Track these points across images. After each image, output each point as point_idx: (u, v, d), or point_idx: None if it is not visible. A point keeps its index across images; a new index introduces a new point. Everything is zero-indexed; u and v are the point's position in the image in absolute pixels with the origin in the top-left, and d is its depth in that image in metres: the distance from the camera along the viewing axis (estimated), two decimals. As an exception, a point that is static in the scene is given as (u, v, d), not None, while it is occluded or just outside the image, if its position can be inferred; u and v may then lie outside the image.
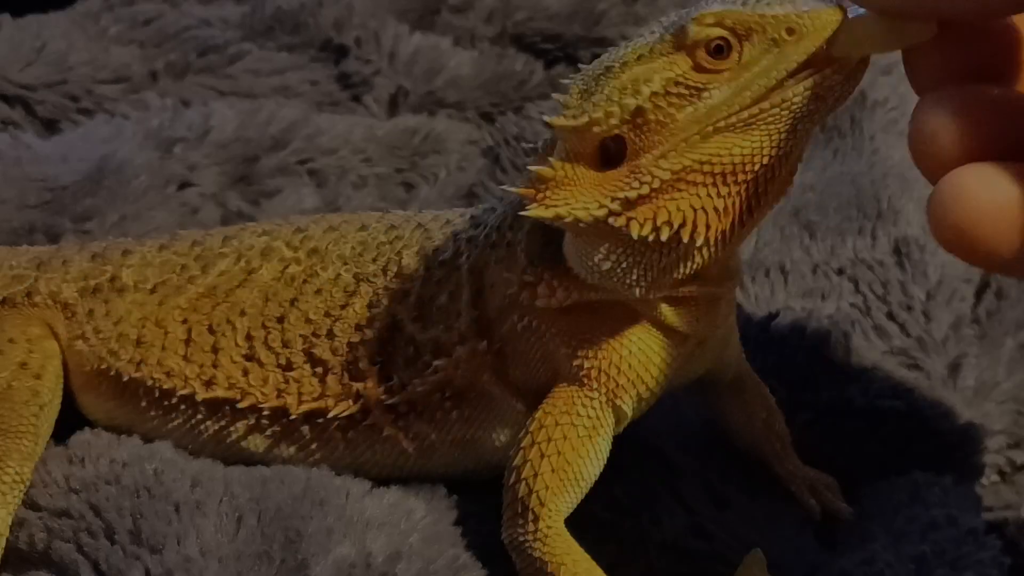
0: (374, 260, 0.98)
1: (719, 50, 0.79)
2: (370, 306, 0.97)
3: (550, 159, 0.83)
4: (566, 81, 0.85)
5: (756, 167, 0.80)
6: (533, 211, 0.83)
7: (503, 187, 0.93)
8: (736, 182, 0.80)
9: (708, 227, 0.81)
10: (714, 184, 0.80)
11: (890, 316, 1.13)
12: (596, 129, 0.81)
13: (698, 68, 0.79)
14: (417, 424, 0.95)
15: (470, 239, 0.94)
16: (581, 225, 0.82)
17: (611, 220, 0.81)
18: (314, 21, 1.51)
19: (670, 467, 0.99)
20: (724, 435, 1.03)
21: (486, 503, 0.95)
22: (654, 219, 0.81)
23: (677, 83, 0.79)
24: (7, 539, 0.98)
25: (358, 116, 1.48)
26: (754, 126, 0.79)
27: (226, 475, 0.98)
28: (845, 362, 1.10)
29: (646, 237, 0.81)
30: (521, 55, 1.54)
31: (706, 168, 0.80)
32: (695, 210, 0.81)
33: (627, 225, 0.81)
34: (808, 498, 1.01)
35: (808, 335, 1.12)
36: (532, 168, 0.84)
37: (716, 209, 0.81)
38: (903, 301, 1.14)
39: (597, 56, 1.45)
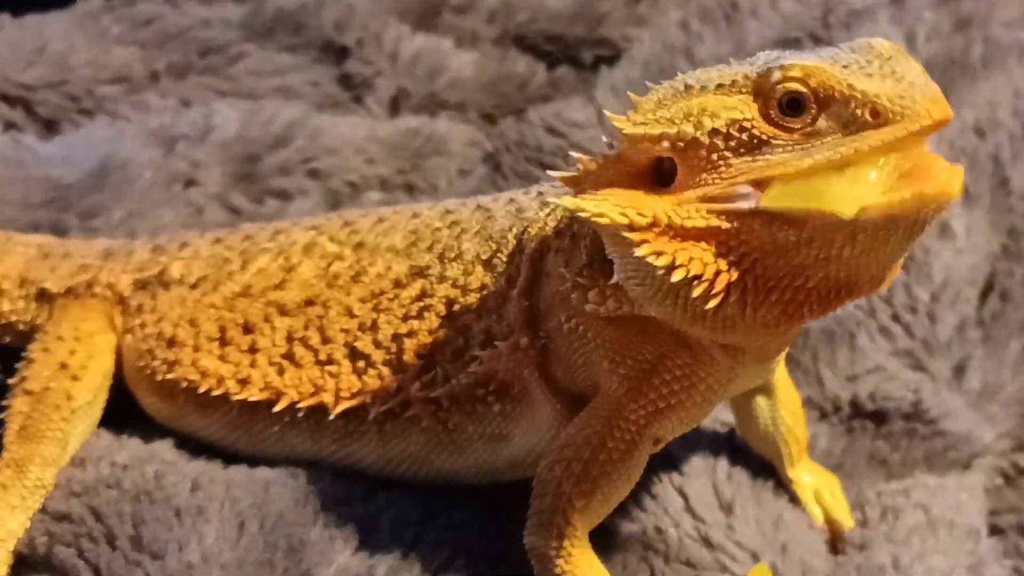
0: (429, 248, 0.95)
1: (794, 105, 0.74)
2: (422, 296, 0.94)
3: (595, 152, 0.80)
4: (651, 85, 0.80)
5: (801, 258, 0.75)
6: (563, 199, 0.79)
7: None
8: (775, 267, 0.75)
9: (727, 296, 0.76)
10: (749, 257, 0.75)
11: (895, 318, 1.12)
12: (646, 145, 0.77)
13: (768, 119, 0.74)
14: (457, 416, 0.93)
15: (536, 220, 0.90)
16: (601, 223, 0.77)
17: (626, 233, 0.77)
18: (315, 22, 1.51)
19: (677, 468, 0.98)
20: (731, 434, 1.02)
21: (487, 510, 0.95)
22: (672, 254, 0.76)
23: (742, 128, 0.75)
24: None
25: (359, 117, 1.47)
26: (809, 221, 0.73)
27: (227, 477, 0.98)
28: (850, 362, 1.10)
29: (656, 271, 0.76)
30: (523, 56, 1.54)
31: (743, 237, 0.75)
32: (718, 272, 0.76)
33: (638, 244, 0.76)
34: (813, 505, 1.00)
35: (813, 335, 1.11)
36: (575, 155, 0.81)
37: (742, 283, 0.76)
38: (907, 303, 1.13)
39: (599, 58, 1.46)
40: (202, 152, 1.36)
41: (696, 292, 0.76)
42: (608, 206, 0.77)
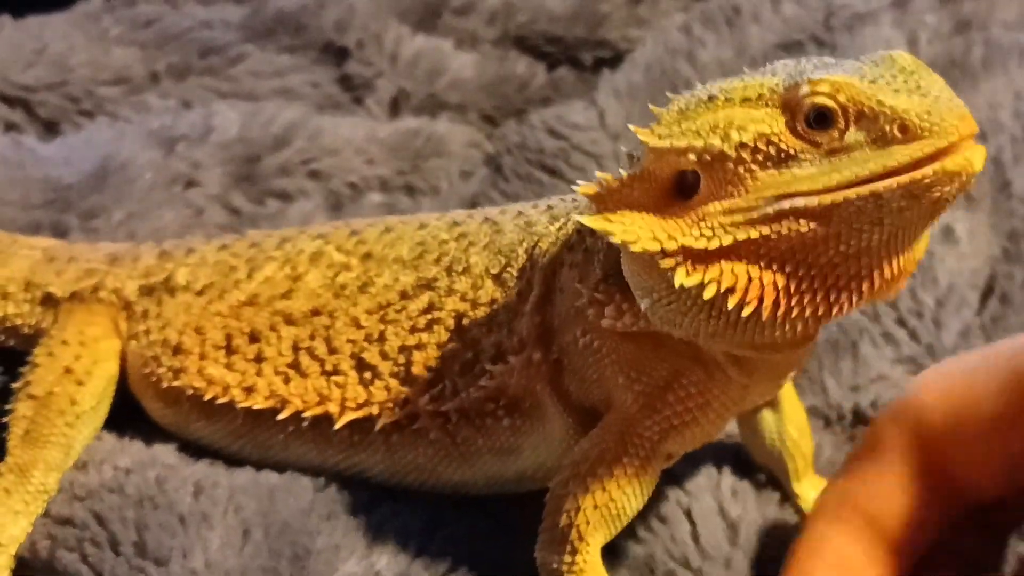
0: (436, 261, 0.95)
1: (821, 120, 0.74)
2: (430, 308, 0.94)
3: (620, 170, 0.80)
4: (671, 95, 0.80)
5: (830, 255, 0.75)
6: (588, 218, 0.79)
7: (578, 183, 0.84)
8: (804, 266, 0.75)
9: (760, 302, 0.76)
10: (778, 260, 0.75)
11: (900, 323, 1.12)
12: (673, 157, 0.77)
13: (795, 133, 0.74)
14: (466, 429, 0.93)
15: (547, 235, 0.90)
16: (633, 250, 0.77)
17: (658, 259, 0.77)
18: (315, 23, 1.50)
19: (682, 484, 0.98)
20: (736, 446, 1.02)
21: (494, 521, 0.95)
22: (703, 274, 0.76)
23: (769, 141, 0.75)
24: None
25: (360, 118, 1.47)
26: (834, 213, 0.74)
27: (231, 482, 0.97)
28: (854, 372, 1.09)
29: (689, 290, 0.76)
30: (523, 57, 1.54)
31: (772, 243, 0.75)
32: (750, 279, 0.75)
33: (673, 270, 0.76)
34: None
35: (818, 344, 1.11)
36: (599, 174, 0.80)
37: (775, 287, 0.76)
38: (912, 307, 1.13)
39: (599, 59, 1.46)
40: (202, 153, 1.36)
41: (730, 304, 0.76)
42: (638, 231, 0.77)
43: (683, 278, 0.76)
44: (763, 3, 1.44)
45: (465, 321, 0.92)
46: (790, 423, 0.99)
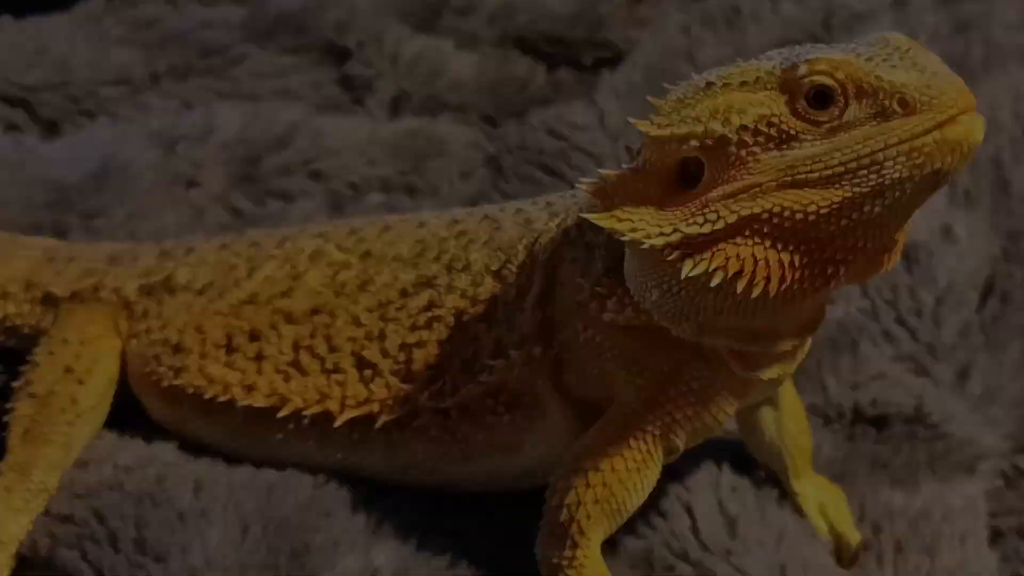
0: (436, 258, 0.95)
1: (821, 98, 0.74)
2: (430, 306, 0.94)
3: (623, 165, 0.80)
4: (668, 86, 0.80)
5: (831, 228, 0.75)
6: (597, 216, 0.79)
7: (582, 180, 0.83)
8: (806, 241, 0.76)
9: (767, 282, 0.76)
10: (781, 238, 0.75)
11: (899, 321, 1.12)
12: (674, 146, 0.77)
13: (795, 113, 0.75)
14: (466, 426, 0.93)
15: (546, 231, 0.90)
16: (641, 247, 0.77)
17: (665, 253, 0.77)
18: (316, 24, 1.51)
19: (682, 480, 0.98)
20: (735, 442, 1.02)
21: (493, 516, 0.95)
22: (709, 261, 0.76)
23: (770, 123, 0.75)
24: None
25: (360, 119, 1.47)
26: (837, 184, 0.74)
27: (230, 479, 0.98)
28: (853, 369, 1.10)
29: (697, 279, 0.76)
30: (524, 58, 1.54)
31: (775, 220, 0.75)
32: (756, 261, 0.76)
33: (680, 262, 0.76)
34: (818, 518, 1.00)
35: (816, 340, 1.11)
36: (600, 171, 0.80)
37: (780, 265, 0.76)
38: (912, 306, 1.13)
39: (600, 60, 1.46)
40: (203, 153, 1.37)
41: (739, 287, 0.76)
42: (646, 227, 0.77)
43: (690, 269, 0.76)
44: (762, 3, 1.45)
45: (465, 318, 0.92)
46: (789, 420, 0.99)
